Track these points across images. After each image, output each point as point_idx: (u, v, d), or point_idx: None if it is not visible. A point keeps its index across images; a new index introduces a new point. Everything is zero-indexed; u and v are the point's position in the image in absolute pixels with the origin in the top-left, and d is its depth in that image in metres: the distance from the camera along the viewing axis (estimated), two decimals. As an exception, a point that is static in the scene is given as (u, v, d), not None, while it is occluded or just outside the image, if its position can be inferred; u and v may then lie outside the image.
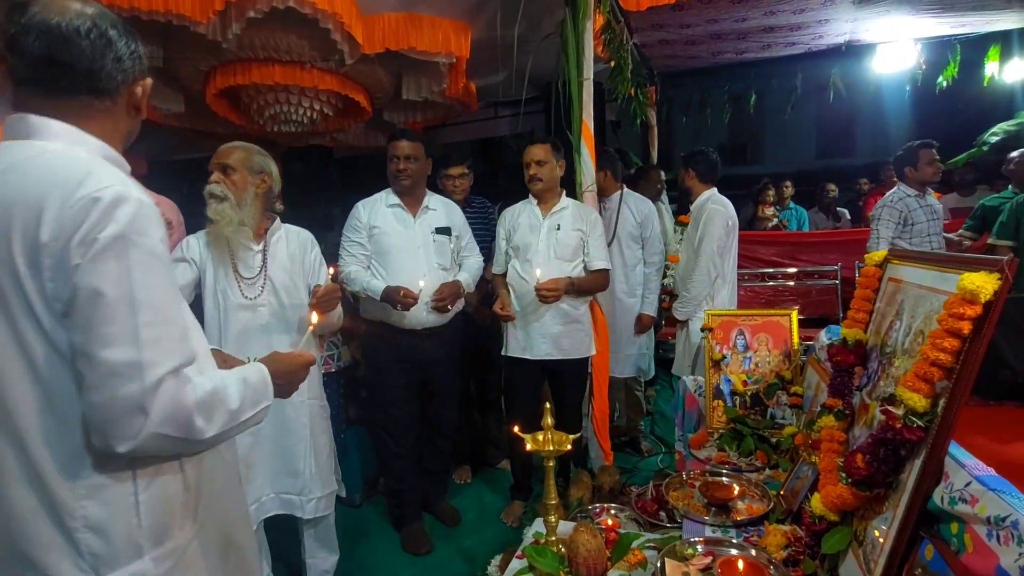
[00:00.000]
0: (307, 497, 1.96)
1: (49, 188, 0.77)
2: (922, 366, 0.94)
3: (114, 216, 0.77)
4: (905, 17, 3.82)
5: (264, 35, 2.90)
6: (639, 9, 2.89)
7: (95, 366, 0.76)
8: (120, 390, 0.76)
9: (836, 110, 8.21)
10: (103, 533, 0.82)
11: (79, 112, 0.87)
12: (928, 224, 3.23)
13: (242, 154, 1.85)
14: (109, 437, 0.77)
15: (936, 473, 0.92)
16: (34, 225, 0.76)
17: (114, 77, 0.89)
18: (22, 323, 0.78)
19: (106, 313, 0.76)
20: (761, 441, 1.79)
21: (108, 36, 0.87)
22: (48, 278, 0.76)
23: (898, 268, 1.30)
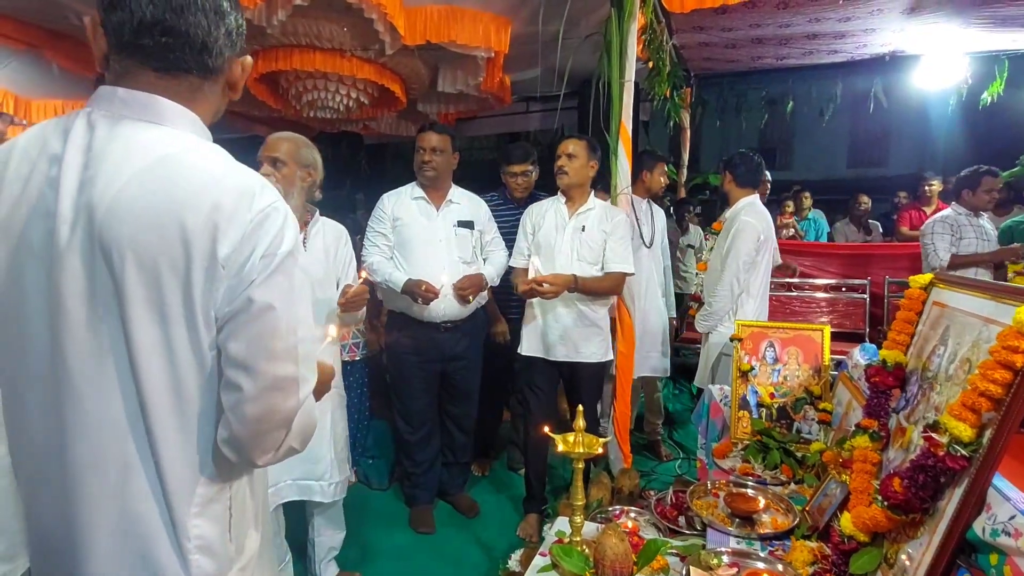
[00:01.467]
0: (327, 482, 2.00)
1: (223, 195, 0.73)
2: (970, 396, 0.94)
3: (286, 233, 0.77)
4: (954, 29, 3.73)
5: (308, 22, 2.93)
6: (683, 11, 2.85)
7: (257, 378, 0.74)
8: (279, 404, 0.77)
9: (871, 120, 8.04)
10: (210, 552, 0.79)
11: (186, 92, 0.80)
12: (978, 243, 3.25)
13: (292, 147, 1.87)
14: (252, 451, 0.77)
15: (978, 503, 0.92)
16: (210, 234, 0.72)
17: (223, 54, 0.81)
18: (177, 326, 0.74)
19: (275, 328, 0.75)
20: (787, 455, 1.78)
21: (222, 7, 0.79)
22: (220, 288, 0.73)
23: (943, 292, 1.29)
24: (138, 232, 0.71)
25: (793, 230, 5.43)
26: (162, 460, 0.75)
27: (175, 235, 0.71)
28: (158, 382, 0.74)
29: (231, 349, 0.74)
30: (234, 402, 0.75)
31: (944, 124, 7.96)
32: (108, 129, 0.75)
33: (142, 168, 0.73)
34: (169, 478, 0.76)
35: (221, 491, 0.81)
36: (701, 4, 2.78)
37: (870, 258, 4.51)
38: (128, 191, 0.72)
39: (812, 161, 13.10)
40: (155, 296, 0.72)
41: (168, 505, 0.76)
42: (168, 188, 0.73)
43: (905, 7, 3.34)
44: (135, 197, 0.72)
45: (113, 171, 0.73)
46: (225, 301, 0.74)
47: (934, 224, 3.37)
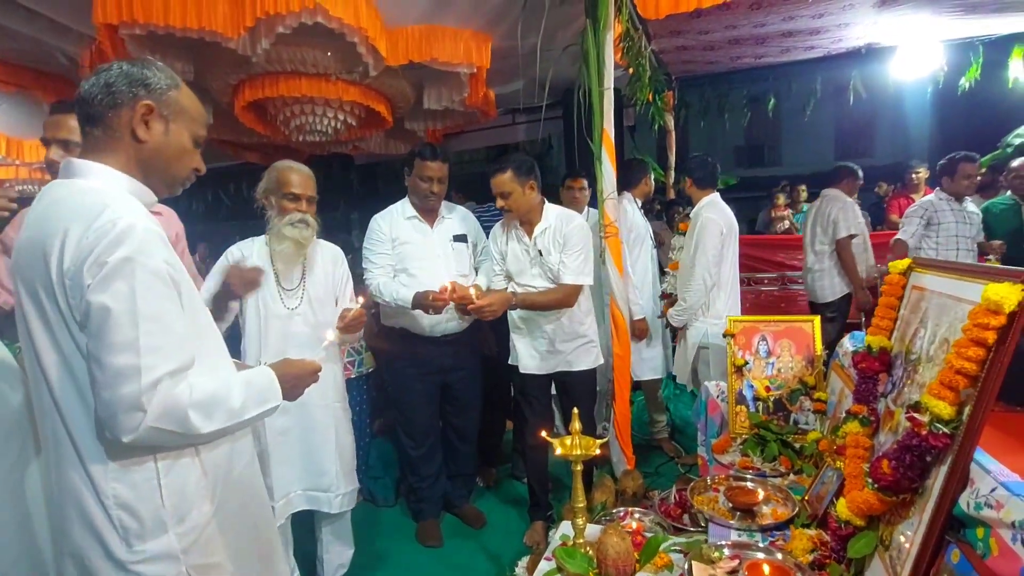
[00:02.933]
0: (334, 493, 2.04)
1: (73, 220, 0.91)
2: (947, 374, 0.97)
3: (122, 242, 0.91)
4: (926, 18, 3.80)
5: (292, 49, 2.99)
6: (657, 17, 2.91)
7: (103, 369, 0.90)
8: (122, 389, 0.90)
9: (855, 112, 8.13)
10: (132, 511, 0.96)
11: (94, 148, 1.01)
12: (957, 226, 3.33)
13: (314, 183, 2.00)
14: (115, 430, 0.91)
15: (962, 479, 0.94)
16: (60, 252, 0.90)
17: (104, 103, 0.99)
18: (58, 330, 0.94)
19: (112, 325, 0.90)
20: (785, 446, 1.81)
21: (109, 68, 1.00)
22: (70, 296, 0.91)
23: (922, 276, 1.31)
24: (23, 260, 0.95)
25: (788, 223, 5.47)
26: (74, 435, 0.96)
27: (40, 258, 0.92)
28: (57, 375, 0.95)
29: (85, 345, 0.92)
30: (94, 389, 0.92)
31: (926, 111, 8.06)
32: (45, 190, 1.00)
33: (38, 212, 0.96)
34: (83, 449, 0.95)
35: (141, 463, 0.97)
36: (676, 9, 2.84)
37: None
38: (26, 232, 0.96)
39: (800, 155, 13.22)
40: (38, 307, 0.94)
41: (86, 470, 0.96)
42: (42, 223, 0.94)
43: (875, 0, 3.41)
44: (27, 235, 0.96)
45: (29, 219, 0.97)
46: (76, 306, 0.92)
47: (910, 210, 3.53)
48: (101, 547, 0.96)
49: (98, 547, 0.96)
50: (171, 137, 1.05)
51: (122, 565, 0.96)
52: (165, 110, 1.04)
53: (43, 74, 3.61)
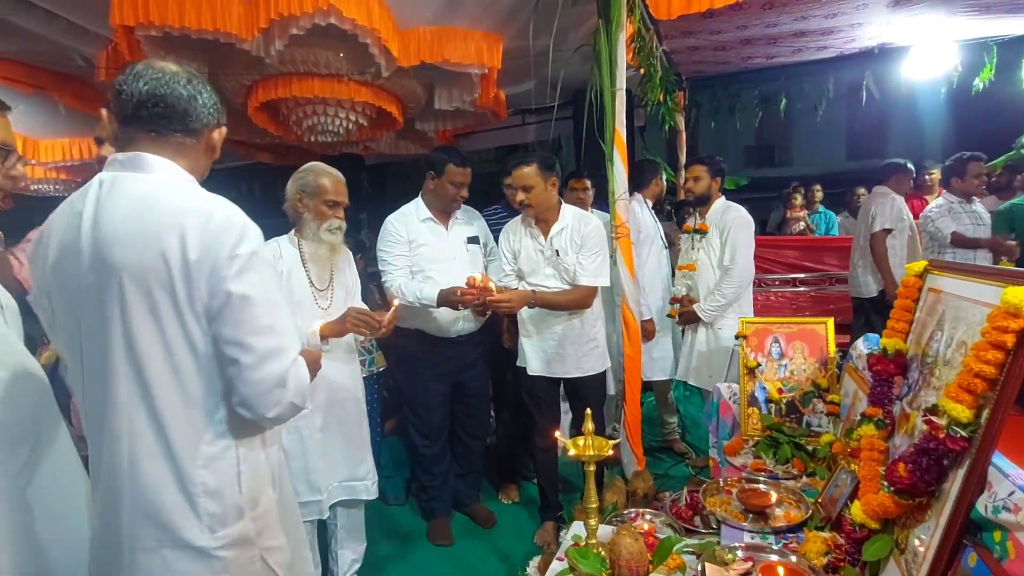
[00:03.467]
0: (370, 480, 2.13)
1: (185, 216, 0.95)
2: (965, 377, 0.96)
3: (247, 237, 0.98)
4: (940, 18, 3.76)
5: (304, 50, 3.01)
6: (669, 17, 2.91)
7: (249, 351, 0.97)
8: (272, 367, 0.99)
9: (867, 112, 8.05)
10: (217, 497, 1.01)
11: (174, 149, 1.04)
12: (973, 228, 3.30)
13: (346, 189, 2.06)
14: (260, 407, 0.99)
15: (980, 482, 0.94)
16: (181, 246, 0.93)
17: (201, 119, 1.06)
18: (167, 323, 0.95)
19: (255, 311, 0.98)
20: (797, 449, 1.80)
21: (197, 87, 1.06)
22: (200, 287, 0.95)
23: (938, 279, 1.31)
24: (129, 255, 0.94)
25: (804, 224, 5.42)
26: (166, 427, 0.97)
27: (156, 251, 0.94)
28: (157, 367, 0.96)
29: (224, 333, 0.97)
30: (236, 372, 0.97)
31: (938, 112, 7.97)
32: (110, 184, 1.00)
33: (128, 205, 0.97)
34: (173, 441, 0.97)
35: (226, 451, 1.02)
36: (687, 9, 2.83)
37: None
38: (119, 224, 0.95)
39: (811, 156, 13.12)
40: (147, 301, 0.94)
41: (175, 460, 0.98)
42: (147, 216, 0.95)
43: (889, 0, 3.38)
44: (125, 228, 0.95)
45: (111, 212, 0.97)
46: (208, 296, 0.95)
47: (934, 211, 3.46)
48: (181, 536, 0.98)
49: (178, 537, 0.98)
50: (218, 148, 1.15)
51: (204, 552, 1.00)
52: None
53: (60, 75, 3.66)
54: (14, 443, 1.12)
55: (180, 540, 0.98)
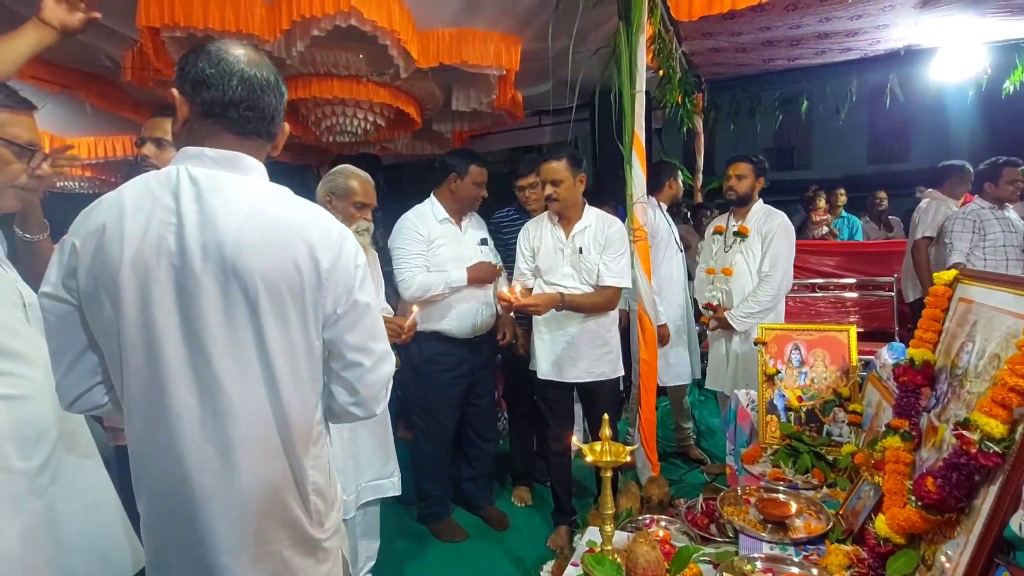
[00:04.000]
0: (396, 477, 2.17)
1: (311, 227, 0.97)
2: (1000, 391, 0.93)
3: (359, 249, 1.03)
4: (970, 19, 3.67)
5: (325, 52, 3.04)
6: (690, 19, 2.88)
7: (370, 354, 1.03)
8: (386, 368, 1.07)
9: (889, 115, 7.92)
10: (322, 494, 1.05)
11: (254, 151, 1.02)
12: (1004, 236, 3.17)
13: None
14: (375, 404, 1.07)
15: (1014, 500, 0.91)
16: (312, 256, 0.95)
17: (279, 122, 1.05)
18: (296, 329, 0.97)
19: (373, 318, 1.04)
20: (818, 458, 1.76)
21: (281, 90, 1.03)
22: (327, 295, 0.98)
23: (969, 288, 1.27)
24: (262, 261, 0.93)
25: (827, 228, 5.31)
26: (290, 429, 0.98)
27: (289, 261, 0.94)
28: (284, 371, 0.96)
29: (349, 339, 1.01)
30: (358, 375, 1.03)
31: (965, 115, 7.79)
32: (210, 182, 0.94)
33: (247, 211, 0.94)
34: (295, 442, 0.99)
35: (323, 448, 1.07)
36: (709, 10, 2.80)
37: (897, 255, 4.42)
38: (247, 231, 0.92)
39: (832, 159, 12.94)
40: (278, 307, 0.94)
41: (292, 462, 1.00)
42: (276, 227, 0.95)
43: (917, 1, 3.31)
44: (253, 235, 0.93)
45: (225, 215, 0.93)
46: (333, 304, 0.98)
47: (955, 221, 3.30)
48: (296, 536, 1.01)
49: (294, 536, 1.01)
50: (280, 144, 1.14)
51: (316, 544, 1.04)
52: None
53: (86, 75, 3.73)
54: (38, 440, 1.14)
55: (300, 536, 1.02)
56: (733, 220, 2.90)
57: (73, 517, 1.17)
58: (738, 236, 2.83)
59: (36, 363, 1.16)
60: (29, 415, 1.14)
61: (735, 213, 2.91)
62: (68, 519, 1.16)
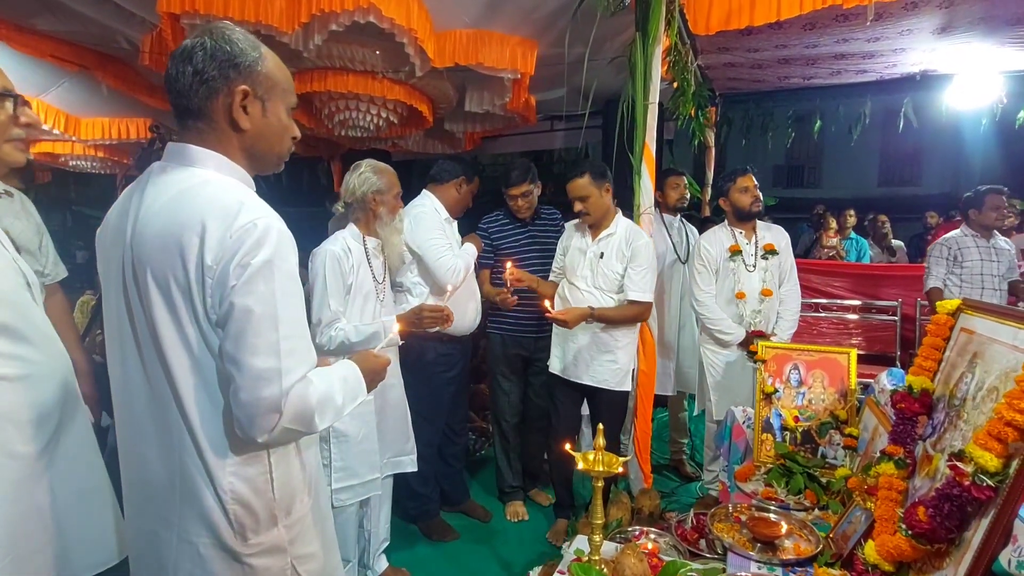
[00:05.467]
0: (414, 455, 2.26)
1: (209, 216, 0.89)
2: (996, 425, 0.93)
3: (264, 244, 0.89)
4: (987, 48, 3.67)
5: (342, 46, 3.05)
6: (708, 33, 2.89)
7: (243, 371, 0.88)
8: (263, 392, 0.89)
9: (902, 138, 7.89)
10: (247, 506, 0.97)
11: (197, 136, 0.96)
12: (982, 264, 3.18)
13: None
14: (251, 430, 0.91)
15: (1004, 535, 0.91)
16: (199, 248, 0.88)
17: (196, 92, 0.93)
18: (187, 327, 0.91)
19: (254, 327, 0.88)
20: (811, 480, 1.76)
21: (192, 54, 0.92)
22: (209, 293, 0.89)
23: (971, 319, 1.27)
24: (152, 252, 0.91)
25: (835, 251, 5.28)
26: (195, 430, 0.94)
27: (175, 251, 0.89)
28: (182, 370, 0.92)
29: (224, 346, 0.90)
30: (232, 391, 0.91)
31: (979, 143, 7.76)
32: (158, 175, 0.96)
33: (164, 202, 0.93)
34: (203, 444, 0.94)
35: (255, 458, 0.98)
36: (727, 26, 2.81)
37: (901, 279, 4.41)
38: (149, 221, 0.92)
39: (842, 179, 12.90)
40: (168, 301, 0.91)
41: (205, 465, 0.94)
42: (173, 214, 0.91)
43: (935, 27, 3.30)
44: (152, 225, 0.92)
45: (148, 207, 0.94)
46: (216, 305, 0.90)
47: (934, 247, 3.36)
48: (215, 538, 0.96)
49: (213, 537, 0.96)
50: (270, 117, 1.00)
51: (236, 556, 0.97)
52: (259, 89, 0.97)
53: (105, 56, 3.76)
54: (40, 423, 1.14)
55: (215, 540, 0.96)
56: (743, 238, 2.74)
57: (69, 502, 1.17)
58: (771, 255, 2.70)
59: (41, 345, 1.16)
60: (33, 398, 1.13)
61: (743, 230, 2.74)
62: (64, 504, 1.16)
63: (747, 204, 2.69)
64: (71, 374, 1.23)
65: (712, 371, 2.73)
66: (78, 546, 1.18)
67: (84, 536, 1.20)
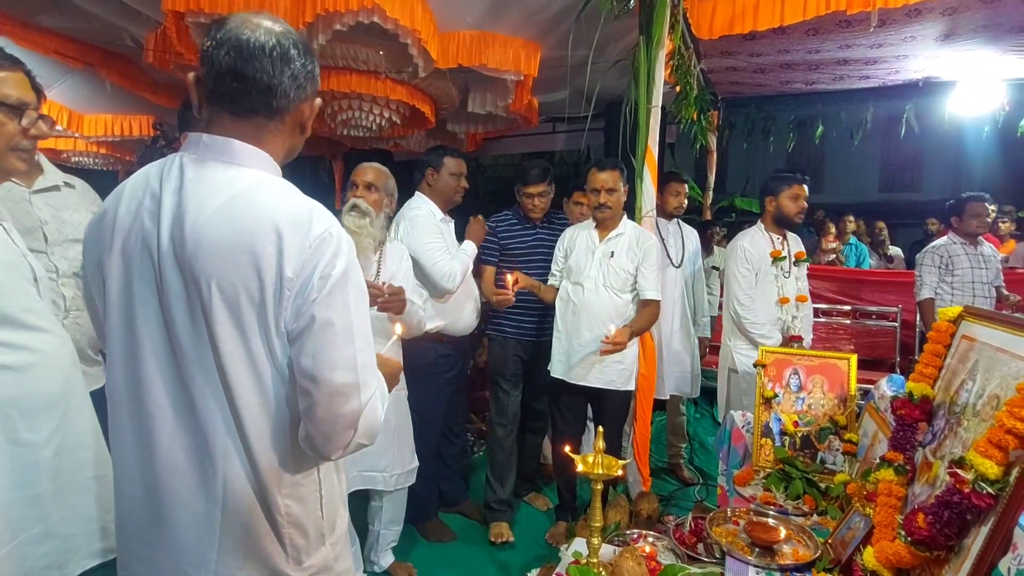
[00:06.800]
0: (389, 473, 2.15)
1: (283, 224, 0.83)
2: (997, 432, 0.93)
3: (340, 254, 0.86)
4: (991, 55, 3.68)
5: (345, 46, 3.06)
6: (711, 37, 2.90)
7: (321, 386, 0.84)
8: (343, 408, 0.86)
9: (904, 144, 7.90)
10: (301, 527, 0.93)
11: (253, 131, 0.89)
12: (973, 271, 3.19)
13: (382, 176, 2.08)
14: (326, 447, 0.87)
15: (1004, 543, 0.91)
16: (277, 258, 0.82)
17: (288, 95, 0.89)
18: (254, 341, 0.85)
19: (334, 341, 0.85)
20: (810, 485, 1.76)
21: (288, 54, 0.88)
22: (287, 306, 0.84)
23: (973, 326, 1.27)
24: (218, 261, 0.83)
25: (835, 256, 5.29)
26: (252, 450, 0.87)
27: (247, 262, 0.82)
28: (244, 386, 0.86)
29: (300, 361, 0.85)
30: (306, 407, 0.86)
31: (980, 150, 7.77)
32: (195, 171, 0.87)
33: (220, 205, 0.84)
34: (260, 464, 0.88)
35: (308, 476, 0.94)
36: (730, 30, 2.82)
37: (900, 285, 4.41)
38: (208, 226, 0.83)
39: (843, 184, 12.89)
40: (235, 314, 0.84)
41: (260, 487, 0.88)
42: (238, 221, 0.83)
43: (939, 34, 3.31)
44: (213, 231, 0.83)
45: (197, 208, 0.84)
46: (292, 318, 0.85)
47: (924, 255, 3.36)
48: (267, 567, 0.91)
49: (263, 567, 0.90)
50: (309, 125, 0.98)
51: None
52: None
53: (109, 54, 3.77)
54: (45, 411, 1.16)
55: (268, 569, 0.91)
56: (779, 244, 2.78)
57: (76, 489, 1.18)
58: (803, 262, 2.78)
59: (47, 334, 1.18)
60: (38, 387, 1.15)
61: (779, 235, 2.80)
62: (71, 491, 1.18)
63: (794, 212, 2.75)
64: (76, 365, 1.24)
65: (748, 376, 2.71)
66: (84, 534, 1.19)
67: (91, 525, 1.21)
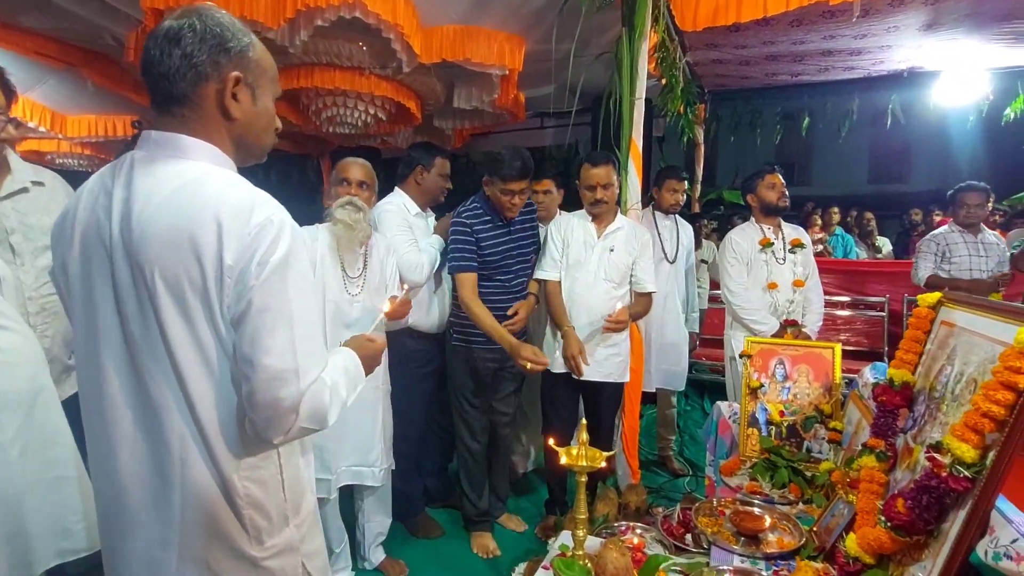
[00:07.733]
0: (377, 468, 2.16)
1: (223, 213, 0.84)
2: (973, 416, 0.93)
3: (280, 241, 0.86)
4: (974, 45, 3.69)
5: (328, 42, 3.03)
6: (695, 29, 2.89)
7: (259, 371, 0.85)
8: (281, 392, 0.86)
9: (891, 135, 7.95)
10: (262, 509, 0.94)
11: (182, 124, 0.89)
12: (971, 259, 3.24)
13: (371, 172, 2.15)
14: (267, 432, 0.88)
15: (981, 526, 0.91)
16: (217, 246, 0.83)
17: (184, 76, 0.87)
18: (201, 328, 0.86)
19: (272, 326, 0.85)
20: (795, 474, 1.76)
21: (179, 35, 0.85)
22: (228, 293, 0.85)
23: (952, 312, 1.28)
24: (160, 250, 0.84)
25: (822, 247, 5.33)
26: (207, 434, 0.89)
27: (188, 250, 0.84)
28: (194, 373, 0.87)
29: (240, 347, 0.86)
30: (246, 392, 0.87)
31: (966, 140, 7.82)
32: (144, 166, 0.89)
33: (166, 196, 0.86)
34: (216, 448, 0.89)
35: (267, 459, 0.95)
36: (714, 22, 2.81)
37: (889, 276, 4.45)
38: (153, 216, 0.85)
39: (831, 176, 12.97)
40: (180, 302, 0.85)
41: (218, 470, 0.90)
42: (181, 211, 0.85)
43: (922, 24, 3.32)
44: (157, 220, 0.85)
45: (144, 200, 0.86)
46: (233, 303, 0.86)
47: (922, 243, 3.43)
48: (229, 548, 0.92)
49: (225, 548, 0.92)
50: (259, 106, 0.95)
51: (253, 562, 0.95)
52: (250, 76, 0.92)
53: (90, 53, 3.72)
54: (11, 410, 1.14)
55: (229, 549, 0.93)
56: (771, 232, 2.81)
57: (38, 489, 1.17)
58: (799, 248, 2.80)
59: (10, 332, 1.16)
60: (4, 385, 1.13)
61: (770, 226, 2.82)
62: (33, 491, 1.16)
63: (774, 199, 2.79)
64: (43, 363, 1.23)
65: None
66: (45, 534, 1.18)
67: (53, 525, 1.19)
